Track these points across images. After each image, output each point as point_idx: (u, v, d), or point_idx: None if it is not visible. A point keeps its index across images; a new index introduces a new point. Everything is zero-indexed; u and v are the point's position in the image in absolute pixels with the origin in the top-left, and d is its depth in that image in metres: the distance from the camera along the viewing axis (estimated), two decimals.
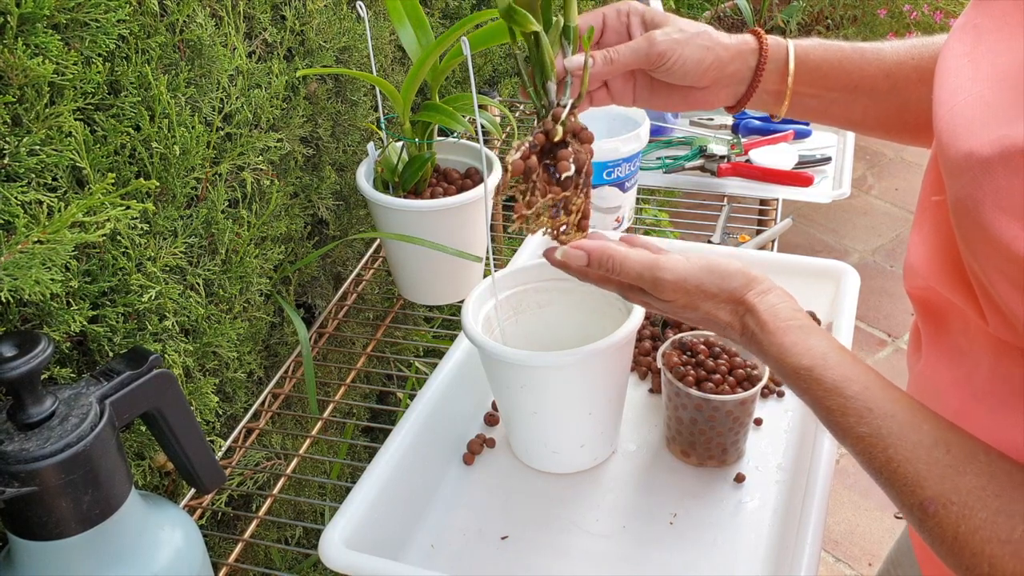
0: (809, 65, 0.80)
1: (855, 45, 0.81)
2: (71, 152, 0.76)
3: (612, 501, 0.91)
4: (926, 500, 0.55)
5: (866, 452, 0.59)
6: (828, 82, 0.81)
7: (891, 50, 0.80)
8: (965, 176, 0.52)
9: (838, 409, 0.61)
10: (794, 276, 1.10)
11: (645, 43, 0.77)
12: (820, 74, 0.81)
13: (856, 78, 0.80)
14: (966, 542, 0.53)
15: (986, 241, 0.51)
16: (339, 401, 1.12)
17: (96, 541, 0.65)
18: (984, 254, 0.52)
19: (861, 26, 2.70)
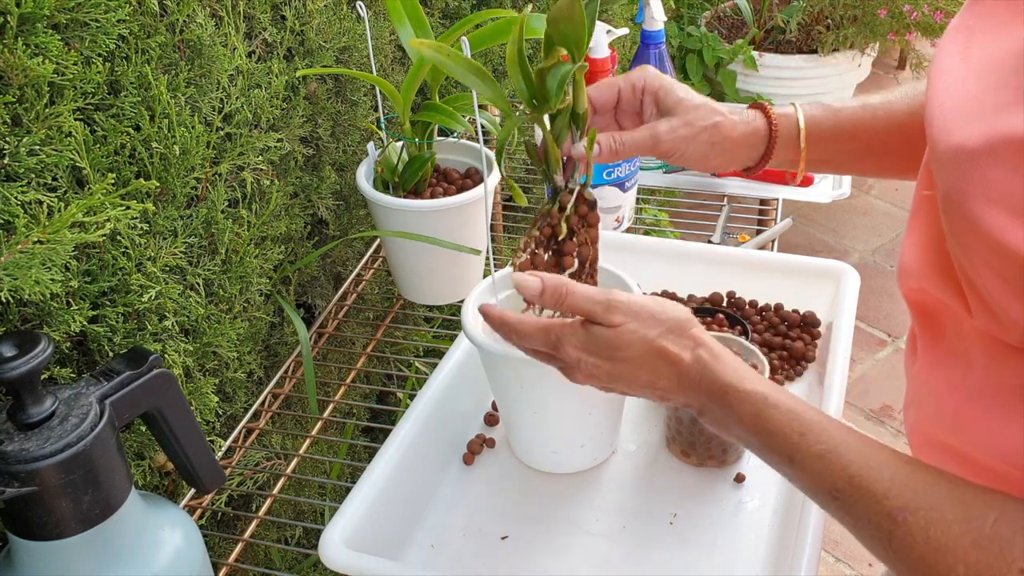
0: (821, 138, 0.81)
1: (865, 103, 0.81)
2: (71, 152, 0.76)
3: (612, 501, 0.91)
4: (894, 510, 0.55)
5: (826, 471, 0.59)
6: (841, 148, 0.81)
7: (901, 101, 0.80)
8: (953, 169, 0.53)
9: (796, 430, 0.61)
10: (794, 276, 1.10)
11: (651, 140, 0.78)
12: (832, 144, 0.81)
13: (867, 139, 0.80)
14: (938, 546, 0.53)
15: (973, 233, 0.51)
16: (339, 401, 1.12)
17: (96, 541, 0.65)
18: (971, 246, 0.53)
19: (861, 26, 2.70)
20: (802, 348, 1.05)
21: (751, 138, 0.81)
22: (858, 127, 0.81)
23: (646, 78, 0.80)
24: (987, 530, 0.52)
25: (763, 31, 2.83)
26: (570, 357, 0.69)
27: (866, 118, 0.80)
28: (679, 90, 0.80)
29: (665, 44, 1.52)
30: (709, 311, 1.08)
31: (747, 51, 2.69)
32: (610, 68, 1.39)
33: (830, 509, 0.60)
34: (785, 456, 0.62)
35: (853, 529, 0.59)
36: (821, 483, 0.59)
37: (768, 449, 0.63)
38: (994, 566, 0.51)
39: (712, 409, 0.67)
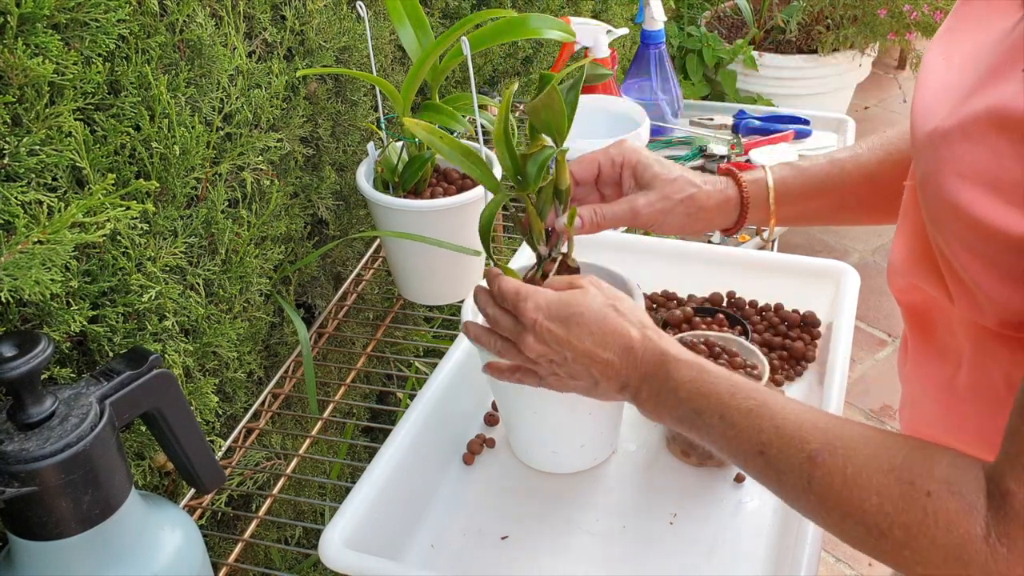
0: (791, 198, 0.85)
1: (833, 158, 0.85)
2: (71, 152, 0.76)
3: (612, 501, 0.91)
4: (813, 452, 0.58)
5: (755, 426, 0.62)
6: (812, 205, 0.86)
7: (869, 152, 0.84)
8: (930, 152, 0.56)
9: (727, 391, 0.64)
10: (794, 276, 1.10)
11: (630, 213, 0.83)
12: (803, 202, 0.86)
13: (838, 195, 0.84)
14: (854, 480, 0.56)
15: (946, 210, 0.55)
16: (339, 401, 1.12)
17: (96, 541, 0.65)
18: (945, 224, 0.56)
19: (861, 26, 2.70)
20: (802, 348, 1.05)
21: (724, 205, 0.85)
22: (826, 183, 0.84)
23: (624, 154, 0.84)
24: (898, 462, 0.55)
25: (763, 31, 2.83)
26: (527, 317, 0.72)
27: (834, 173, 0.84)
28: (655, 165, 0.84)
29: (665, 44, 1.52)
30: (709, 311, 1.08)
31: (747, 51, 2.68)
32: (610, 67, 1.39)
33: (757, 467, 0.62)
34: (716, 416, 0.64)
35: (777, 484, 0.61)
36: (750, 439, 0.62)
37: (701, 412, 0.65)
38: (906, 493, 0.54)
39: (650, 381, 0.69)
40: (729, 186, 0.86)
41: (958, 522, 0.52)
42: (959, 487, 0.53)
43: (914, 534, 0.54)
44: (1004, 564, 0.50)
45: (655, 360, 0.69)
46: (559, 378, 0.75)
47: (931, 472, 0.54)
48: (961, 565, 0.52)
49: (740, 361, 0.95)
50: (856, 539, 0.57)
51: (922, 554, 0.53)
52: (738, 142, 1.51)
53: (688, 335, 0.98)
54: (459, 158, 0.80)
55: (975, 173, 0.53)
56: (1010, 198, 0.52)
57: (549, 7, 1.76)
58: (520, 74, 1.79)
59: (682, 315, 1.06)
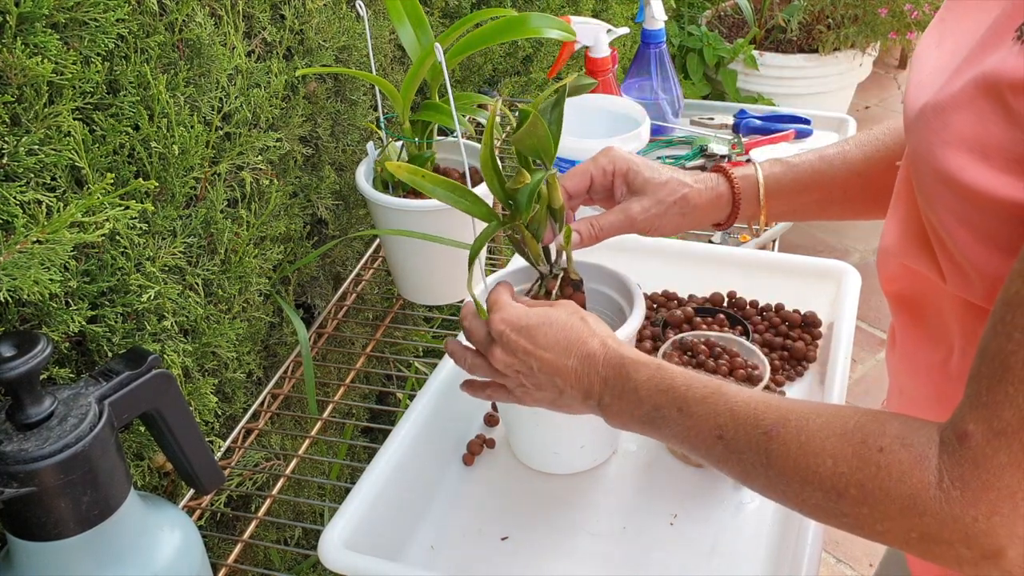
0: (781, 193, 0.87)
1: (822, 154, 0.87)
2: (70, 152, 0.75)
3: (612, 502, 0.91)
4: (769, 427, 0.60)
5: (711, 411, 0.64)
6: (802, 200, 0.88)
7: (856, 148, 0.86)
8: (921, 126, 0.59)
9: (683, 383, 0.66)
10: (795, 276, 1.10)
11: (626, 221, 0.85)
12: (793, 196, 0.87)
13: (828, 189, 0.86)
14: (809, 446, 0.58)
15: (937, 180, 0.56)
16: (338, 401, 1.12)
17: (95, 542, 0.65)
18: (936, 196, 0.57)
19: (862, 25, 2.70)
20: (803, 348, 1.04)
21: (717, 201, 0.87)
22: (815, 178, 0.86)
23: (614, 162, 0.86)
24: (851, 425, 0.57)
25: (764, 30, 2.83)
26: (495, 328, 0.74)
27: (822, 169, 0.86)
28: (645, 170, 0.85)
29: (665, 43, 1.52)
30: (710, 311, 1.08)
31: (748, 50, 2.68)
32: (610, 67, 1.39)
33: (717, 453, 0.64)
34: (675, 408, 0.66)
35: (738, 466, 0.62)
36: (707, 424, 0.64)
37: (660, 407, 0.67)
38: (859, 452, 0.56)
39: (611, 386, 0.70)
40: (720, 183, 0.87)
41: (910, 472, 0.53)
42: (910, 440, 0.54)
43: (869, 490, 0.55)
44: (958, 507, 0.51)
45: (615, 364, 0.71)
46: (526, 390, 0.76)
47: (883, 430, 0.56)
48: (916, 514, 0.53)
49: (741, 361, 0.95)
50: (817, 507, 0.58)
51: (879, 509, 0.55)
52: (739, 142, 1.51)
53: (689, 335, 0.98)
54: (444, 194, 0.82)
55: (963, 140, 0.54)
56: (996, 163, 0.53)
57: (549, 6, 1.75)
58: (520, 73, 1.79)
59: (683, 315, 1.06)
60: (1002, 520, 0.50)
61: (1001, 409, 0.50)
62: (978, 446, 0.51)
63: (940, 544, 0.53)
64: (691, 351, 0.96)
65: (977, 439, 0.51)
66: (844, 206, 0.88)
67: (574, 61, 1.95)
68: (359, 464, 0.94)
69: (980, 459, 0.51)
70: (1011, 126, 0.53)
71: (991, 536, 0.51)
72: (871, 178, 0.84)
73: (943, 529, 0.52)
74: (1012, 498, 0.50)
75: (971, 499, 0.51)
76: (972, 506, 0.51)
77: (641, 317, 0.88)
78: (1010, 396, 0.50)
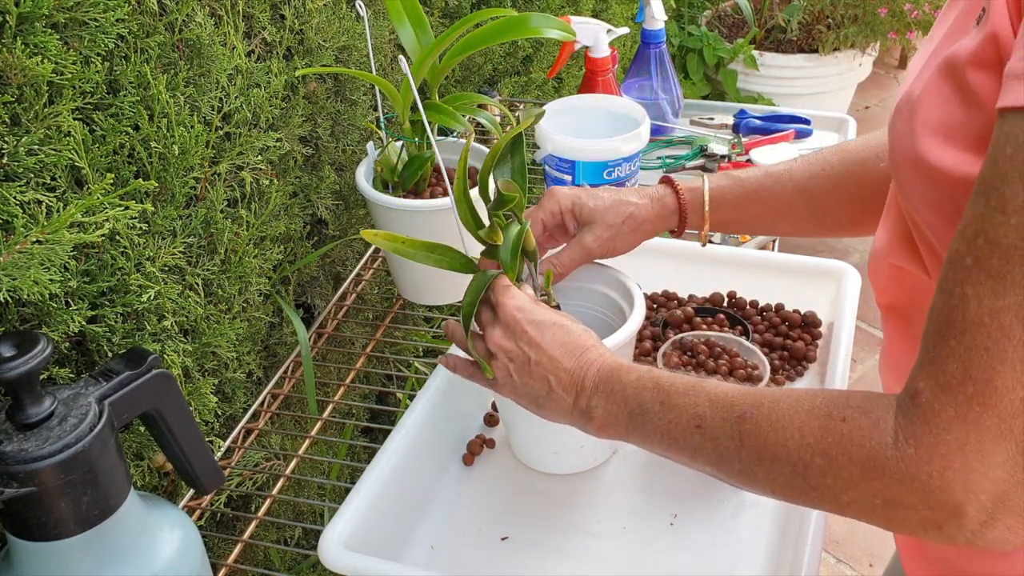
0: (726, 204, 0.91)
1: (768, 171, 0.91)
2: (70, 152, 0.75)
3: (612, 502, 0.91)
4: (743, 412, 0.62)
5: (691, 402, 0.66)
6: (747, 212, 0.91)
7: (802, 167, 0.90)
8: (896, 119, 0.61)
9: (667, 380, 0.69)
10: (795, 276, 1.10)
11: (583, 252, 0.89)
12: (737, 209, 0.91)
13: (772, 205, 0.90)
14: (779, 423, 0.60)
15: (910, 166, 0.59)
16: (338, 401, 1.12)
17: (95, 542, 0.65)
18: (909, 183, 0.60)
19: (862, 25, 2.70)
20: (803, 348, 1.04)
21: (663, 212, 0.91)
22: (760, 193, 0.90)
23: (559, 202, 0.89)
24: (818, 402, 0.59)
25: (764, 30, 2.83)
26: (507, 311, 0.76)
27: (768, 184, 0.90)
28: (589, 200, 0.89)
29: (665, 43, 1.52)
30: (710, 311, 1.08)
31: (748, 50, 2.68)
32: (610, 67, 1.39)
33: (695, 444, 0.66)
34: (657, 403, 0.68)
35: (714, 453, 0.65)
36: (687, 415, 0.66)
37: (644, 404, 0.69)
38: (824, 424, 0.58)
39: (602, 390, 0.72)
40: (667, 194, 0.91)
41: (869, 435, 0.55)
42: (869, 408, 0.57)
43: (833, 456, 0.57)
44: (914, 464, 0.53)
45: (608, 369, 0.73)
46: (510, 381, 0.77)
47: (847, 403, 0.58)
48: (876, 476, 0.55)
49: (741, 361, 0.95)
50: (787, 483, 0.60)
51: (842, 476, 0.56)
52: (739, 142, 1.51)
53: (688, 335, 0.98)
54: (425, 255, 0.84)
55: (929, 124, 0.57)
56: (958, 142, 0.55)
57: (549, 6, 1.75)
58: (520, 73, 1.79)
59: (683, 315, 1.06)
60: (955, 475, 0.51)
61: (945, 363, 0.52)
62: (927, 402, 0.52)
63: (903, 508, 0.54)
64: (691, 351, 0.96)
65: (926, 395, 0.53)
66: (791, 222, 0.91)
67: (574, 61, 1.95)
68: (359, 464, 0.94)
69: (929, 415, 0.52)
70: (968, 105, 0.55)
71: (947, 492, 0.52)
72: (814, 196, 0.88)
73: (903, 490, 0.54)
74: (962, 451, 0.51)
75: (925, 455, 0.52)
76: (926, 463, 0.52)
77: (641, 317, 0.88)
78: (953, 350, 0.51)
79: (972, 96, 0.54)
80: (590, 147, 1.17)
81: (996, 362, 0.49)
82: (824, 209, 0.88)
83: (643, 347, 1.05)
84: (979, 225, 0.50)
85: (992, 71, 0.53)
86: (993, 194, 0.49)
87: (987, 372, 0.50)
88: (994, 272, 0.49)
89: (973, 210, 0.51)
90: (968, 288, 0.50)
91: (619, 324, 0.87)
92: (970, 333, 0.50)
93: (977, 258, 0.50)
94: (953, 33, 0.60)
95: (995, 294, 0.49)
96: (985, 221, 0.50)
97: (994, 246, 0.49)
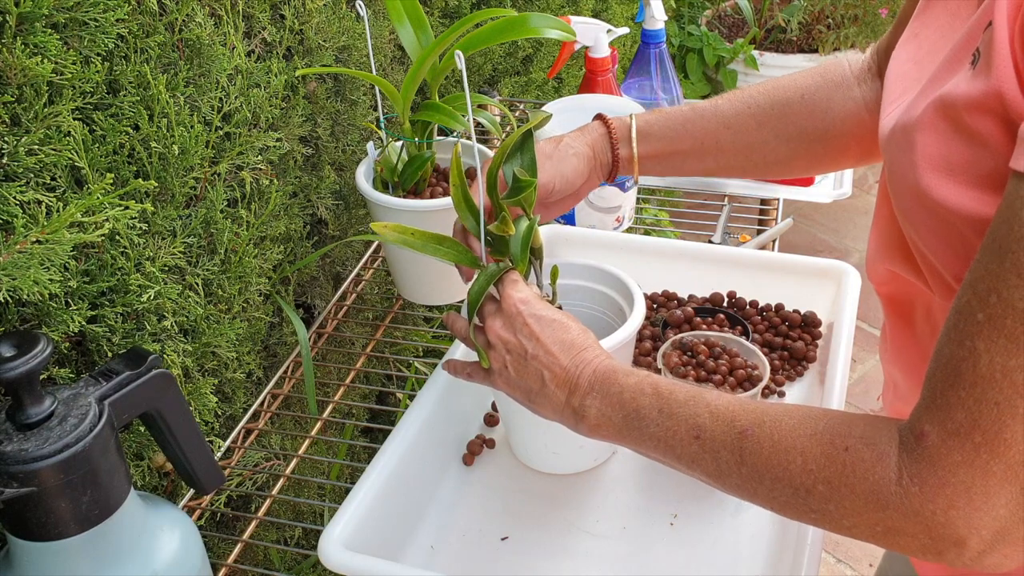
0: (652, 135, 0.91)
1: (695, 106, 0.91)
2: (70, 152, 0.75)
3: (612, 502, 0.91)
4: (744, 429, 0.63)
5: (691, 412, 0.66)
6: (674, 146, 0.91)
7: (727, 103, 0.90)
8: (893, 146, 0.62)
9: (667, 387, 0.69)
10: (795, 276, 1.10)
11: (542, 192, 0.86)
12: (664, 142, 0.91)
13: (700, 138, 0.90)
14: (780, 445, 0.61)
15: (913, 198, 0.59)
16: (338, 401, 1.12)
17: (95, 542, 0.65)
18: (914, 213, 0.60)
19: (862, 25, 2.70)
20: (803, 348, 1.04)
21: (592, 136, 0.91)
22: (687, 127, 0.90)
23: None
24: (820, 427, 0.60)
25: (764, 30, 2.83)
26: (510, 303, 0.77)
27: (693, 118, 0.90)
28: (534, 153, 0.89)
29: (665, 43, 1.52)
30: (710, 311, 1.08)
31: (748, 50, 2.68)
32: (610, 67, 1.39)
33: (693, 453, 0.66)
34: (655, 410, 0.68)
35: (713, 465, 0.65)
36: (686, 424, 0.66)
37: (641, 410, 0.69)
38: (826, 452, 0.58)
39: (597, 391, 0.72)
40: (597, 126, 0.91)
41: (872, 469, 0.56)
42: (873, 439, 0.57)
43: (835, 486, 0.58)
44: (917, 501, 0.54)
45: (606, 371, 0.73)
46: (506, 374, 0.77)
47: (849, 431, 0.59)
48: (879, 508, 0.56)
49: (741, 361, 0.95)
50: (788, 504, 0.61)
51: (844, 505, 0.57)
52: None
53: (688, 335, 0.98)
54: (434, 248, 0.84)
55: (930, 159, 0.57)
56: (962, 179, 0.56)
57: (549, 6, 1.75)
58: (520, 73, 1.79)
59: (682, 315, 1.06)
60: (959, 514, 0.53)
61: (954, 411, 0.53)
62: (933, 445, 0.53)
63: (904, 536, 0.56)
64: (691, 351, 0.96)
65: (932, 439, 0.54)
66: (718, 156, 0.91)
67: (574, 61, 1.95)
68: (359, 464, 0.94)
69: (935, 458, 0.53)
70: (972, 144, 0.55)
71: (950, 528, 0.53)
72: (740, 132, 0.88)
73: (905, 522, 0.55)
74: (967, 493, 0.52)
75: (929, 495, 0.54)
76: (930, 501, 0.53)
77: (641, 317, 0.88)
78: (962, 400, 0.52)
79: (976, 137, 0.55)
80: None
81: (1007, 416, 0.51)
82: (750, 146, 0.89)
83: (643, 347, 1.05)
84: (992, 283, 0.51)
85: (996, 118, 0.53)
86: (1008, 256, 0.50)
87: (996, 424, 0.51)
88: (1007, 333, 0.50)
89: (986, 267, 0.51)
90: (979, 343, 0.51)
91: (619, 324, 0.87)
92: (980, 387, 0.51)
93: (990, 316, 0.51)
94: (948, 67, 0.59)
95: (1008, 353, 0.50)
96: (999, 281, 0.50)
97: (1008, 308, 0.50)
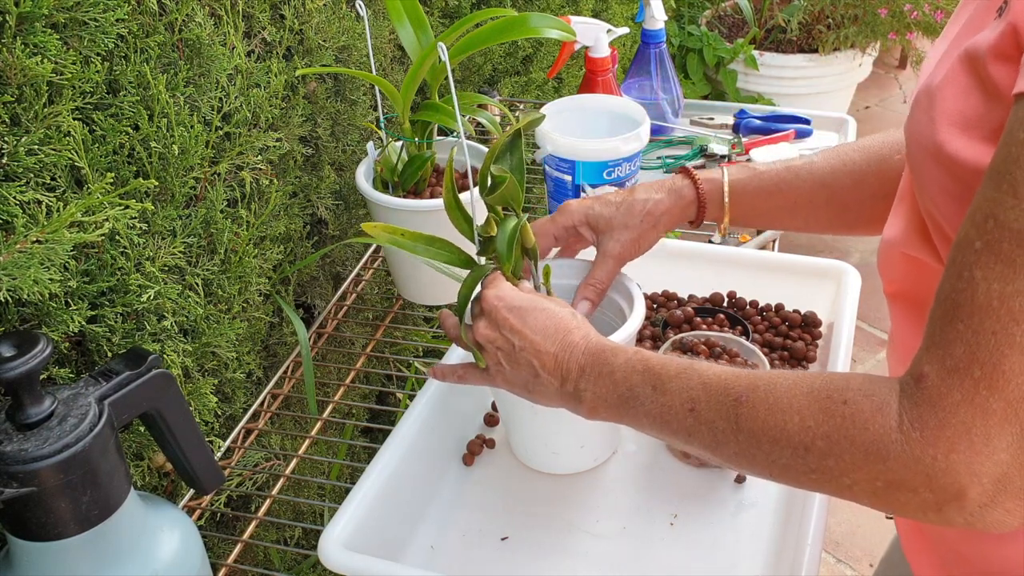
0: (745, 196, 0.89)
1: (789, 165, 0.90)
2: (70, 152, 0.75)
3: (612, 502, 0.91)
4: (739, 395, 0.62)
5: (684, 385, 0.66)
6: (767, 205, 0.90)
7: (823, 161, 0.88)
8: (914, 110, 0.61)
9: (658, 362, 0.69)
10: (795, 276, 1.10)
11: (615, 262, 0.89)
12: (757, 201, 0.90)
13: (793, 198, 0.89)
14: (777, 406, 0.60)
15: (927, 156, 0.59)
16: (338, 401, 1.12)
17: (95, 542, 0.65)
18: (926, 173, 0.59)
19: (862, 25, 2.70)
20: (803, 348, 1.04)
21: (680, 203, 0.90)
22: (780, 186, 0.89)
23: (572, 216, 0.89)
24: (817, 384, 0.59)
25: (764, 30, 2.83)
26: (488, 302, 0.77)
27: (788, 178, 0.89)
28: (602, 208, 0.89)
29: (665, 43, 1.52)
30: (710, 311, 1.08)
31: (748, 50, 2.68)
32: (610, 67, 1.39)
33: (688, 426, 0.65)
34: (649, 387, 0.68)
35: (709, 436, 0.64)
36: (680, 398, 0.66)
37: (634, 388, 0.68)
38: (824, 407, 0.57)
39: (588, 373, 0.72)
40: (685, 185, 0.90)
41: (872, 419, 0.55)
42: (872, 391, 0.56)
43: (835, 440, 0.56)
44: (919, 447, 0.52)
45: (594, 351, 0.72)
46: (501, 369, 0.78)
47: (847, 385, 0.58)
48: (880, 460, 0.54)
49: (741, 361, 0.95)
50: (787, 466, 0.60)
51: (844, 459, 0.56)
52: (739, 142, 1.51)
53: (688, 335, 0.98)
54: (424, 248, 0.84)
55: (948, 115, 0.57)
56: (976, 134, 0.55)
57: (549, 6, 1.75)
58: (520, 73, 1.79)
59: (683, 315, 1.06)
60: (960, 457, 0.51)
61: (953, 347, 0.51)
62: (933, 386, 0.52)
63: (905, 491, 0.54)
64: (691, 351, 0.96)
65: (932, 379, 0.52)
66: (810, 216, 0.90)
67: (574, 61, 1.95)
68: (359, 464, 0.94)
69: (935, 398, 0.52)
70: (988, 97, 0.54)
71: (951, 474, 0.52)
72: (836, 191, 0.87)
73: (906, 472, 0.53)
74: (968, 434, 0.51)
75: (930, 438, 0.52)
76: (931, 445, 0.52)
77: (641, 317, 0.88)
78: (960, 333, 0.51)
79: (992, 88, 0.54)
80: (590, 147, 1.17)
81: (1004, 346, 0.49)
82: (845, 204, 0.87)
83: (643, 347, 1.05)
84: (990, 209, 0.50)
85: (1012, 63, 0.53)
86: (1005, 178, 0.49)
87: (995, 356, 0.50)
88: (1004, 257, 0.49)
89: (984, 194, 0.51)
90: (977, 271, 0.50)
91: (619, 324, 0.87)
92: (978, 317, 0.50)
93: (987, 242, 0.50)
94: (972, 25, 0.59)
95: (1005, 279, 0.49)
96: (996, 205, 0.50)
97: (1005, 230, 0.49)
